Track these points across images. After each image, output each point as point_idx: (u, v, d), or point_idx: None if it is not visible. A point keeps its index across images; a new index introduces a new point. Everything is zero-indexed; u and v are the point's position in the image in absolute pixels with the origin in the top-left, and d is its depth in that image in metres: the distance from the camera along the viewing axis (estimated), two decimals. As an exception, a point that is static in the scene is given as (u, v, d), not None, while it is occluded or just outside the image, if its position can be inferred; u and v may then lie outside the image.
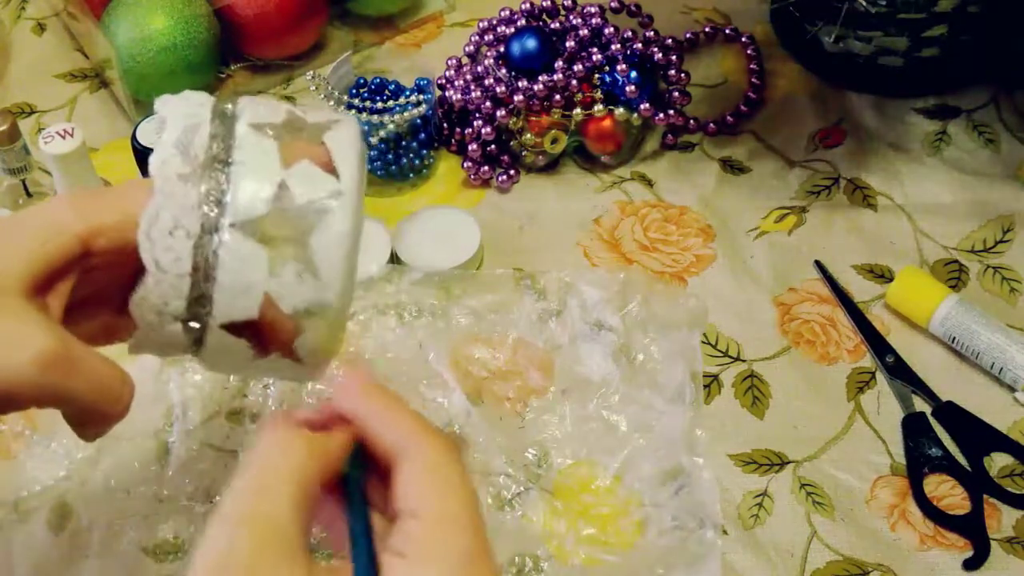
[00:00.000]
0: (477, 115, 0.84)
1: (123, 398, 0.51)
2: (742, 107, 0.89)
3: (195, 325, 0.50)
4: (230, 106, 0.52)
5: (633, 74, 0.83)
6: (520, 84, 0.83)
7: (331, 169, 0.51)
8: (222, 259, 0.48)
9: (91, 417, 0.50)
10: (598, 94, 0.84)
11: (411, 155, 0.84)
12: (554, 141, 0.84)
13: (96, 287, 0.52)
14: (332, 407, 0.48)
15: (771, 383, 0.74)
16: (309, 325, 0.50)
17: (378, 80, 0.86)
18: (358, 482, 0.46)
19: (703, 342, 0.76)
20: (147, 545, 0.66)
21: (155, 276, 0.48)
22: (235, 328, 0.50)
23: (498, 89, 0.83)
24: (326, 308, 0.50)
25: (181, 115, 0.51)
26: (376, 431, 0.46)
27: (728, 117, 0.89)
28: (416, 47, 0.96)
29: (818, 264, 0.80)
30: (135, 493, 0.67)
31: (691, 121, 0.88)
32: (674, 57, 0.86)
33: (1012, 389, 0.73)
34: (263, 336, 0.51)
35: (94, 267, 0.50)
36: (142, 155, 0.77)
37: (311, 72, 0.84)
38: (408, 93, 0.85)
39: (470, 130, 0.85)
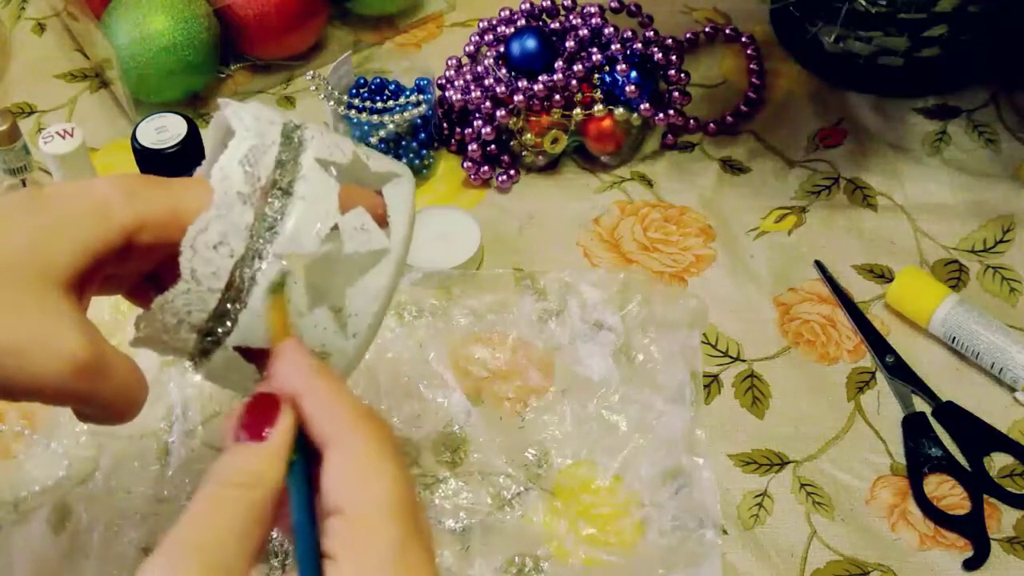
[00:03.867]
0: (477, 115, 0.84)
1: (139, 402, 0.50)
2: (742, 107, 0.89)
3: (209, 339, 0.49)
4: (299, 131, 0.51)
5: (633, 74, 0.83)
6: (520, 84, 0.83)
7: (384, 222, 0.51)
8: (259, 286, 0.48)
9: (105, 417, 0.50)
10: (598, 94, 0.84)
11: (411, 155, 0.84)
12: (554, 141, 0.84)
13: (117, 271, 0.51)
14: (273, 388, 0.45)
15: (771, 383, 0.74)
16: None
17: (378, 80, 0.86)
18: (300, 473, 0.43)
19: (703, 342, 0.76)
20: (147, 545, 0.65)
21: (187, 285, 0.48)
22: (246, 351, 0.49)
23: (498, 89, 0.83)
24: (342, 354, 0.50)
25: (253, 132, 0.49)
26: (313, 416, 0.44)
27: (728, 117, 0.89)
28: (416, 47, 0.96)
29: (818, 264, 0.80)
30: (135, 493, 0.67)
31: (691, 121, 0.88)
32: (674, 57, 0.86)
33: (1012, 389, 0.73)
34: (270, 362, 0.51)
35: (126, 259, 0.50)
36: (142, 155, 0.77)
37: (311, 72, 0.84)
38: (408, 93, 0.85)
39: (470, 130, 0.84)
